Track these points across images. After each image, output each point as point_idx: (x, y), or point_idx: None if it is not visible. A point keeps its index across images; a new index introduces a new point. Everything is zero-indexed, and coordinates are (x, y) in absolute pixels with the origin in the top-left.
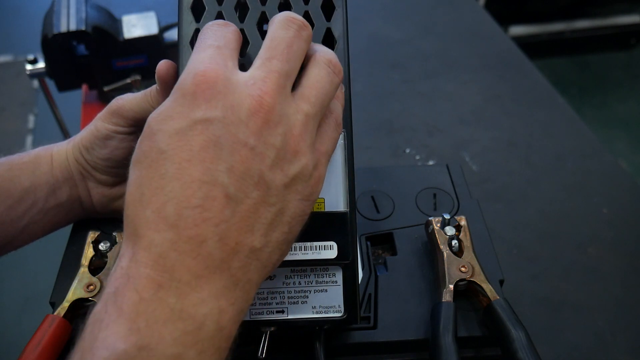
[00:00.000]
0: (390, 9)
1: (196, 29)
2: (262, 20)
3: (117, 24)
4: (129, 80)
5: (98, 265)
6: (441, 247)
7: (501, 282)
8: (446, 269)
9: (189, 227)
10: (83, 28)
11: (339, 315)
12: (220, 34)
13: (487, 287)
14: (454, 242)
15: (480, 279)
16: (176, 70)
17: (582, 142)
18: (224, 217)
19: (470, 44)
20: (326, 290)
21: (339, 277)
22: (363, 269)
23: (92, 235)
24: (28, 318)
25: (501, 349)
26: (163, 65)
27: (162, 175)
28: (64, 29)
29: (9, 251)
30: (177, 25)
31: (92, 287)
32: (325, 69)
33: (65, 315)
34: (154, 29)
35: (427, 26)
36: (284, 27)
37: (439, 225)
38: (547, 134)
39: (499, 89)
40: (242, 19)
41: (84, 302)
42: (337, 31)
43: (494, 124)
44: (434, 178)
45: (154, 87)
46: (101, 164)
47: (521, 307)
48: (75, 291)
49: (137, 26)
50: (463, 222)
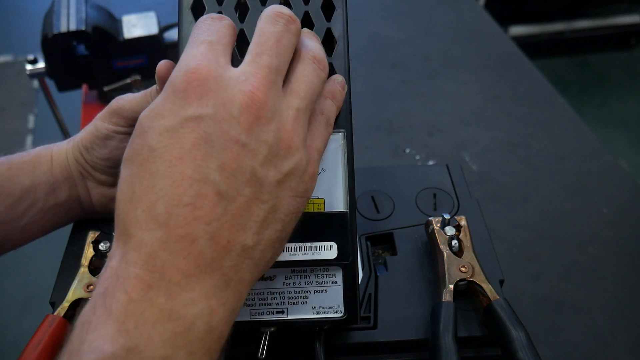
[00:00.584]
0: (390, 9)
1: None
2: None
3: (117, 24)
4: (129, 80)
5: (98, 265)
6: (441, 247)
7: (501, 282)
8: (446, 269)
9: (179, 226)
10: (83, 28)
11: (339, 315)
12: (213, 28)
13: (487, 287)
14: (454, 242)
15: (480, 279)
16: None
17: (582, 142)
18: (215, 216)
19: (470, 44)
20: (326, 291)
21: (339, 277)
22: (363, 269)
23: (92, 235)
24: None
25: (501, 349)
26: (163, 66)
27: (152, 174)
28: (64, 29)
29: (9, 250)
30: (177, 25)
31: (92, 287)
32: (311, 64)
33: (65, 315)
34: (154, 29)
35: (427, 26)
36: (271, 21)
37: (439, 225)
38: (547, 134)
39: (499, 89)
40: (242, 19)
41: (84, 302)
42: (337, 31)
43: (494, 124)
44: (434, 178)
45: (154, 88)
46: (101, 163)
47: (521, 307)
48: (75, 291)
49: (137, 26)
50: (463, 222)
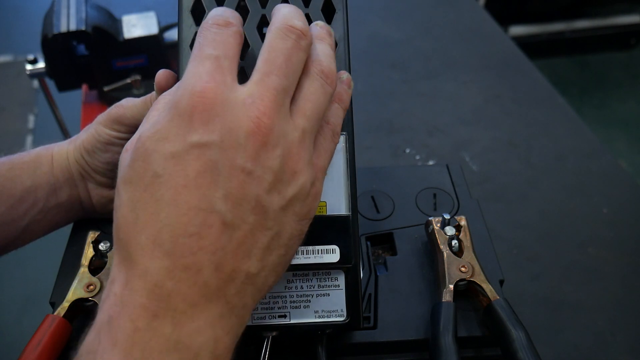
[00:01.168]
0: (390, 9)
1: (196, 33)
2: (262, 23)
3: (117, 24)
4: (129, 80)
5: (98, 265)
6: (441, 247)
7: (501, 282)
8: (446, 269)
9: (185, 256)
10: (83, 28)
11: (342, 319)
12: (219, 38)
13: (487, 287)
14: (454, 242)
15: (480, 279)
16: (176, 79)
17: (582, 142)
18: (220, 245)
19: (470, 44)
20: (328, 295)
21: (341, 281)
22: (363, 269)
23: (92, 235)
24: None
25: (501, 349)
26: (162, 75)
27: (157, 200)
28: (64, 29)
29: (10, 251)
30: (177, 28)
31: (92, 287)
32: (319, 80)
33: (65, 315)
34: (154, 29)
35: (427, 26)
36: (282, 36)
37: (439, 225)
38: (547, 134)
39: (499, 89)
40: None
41: (84, 302)
42: (337, 34)
43: (494, 124)
44: (434, 178)
45: (153, 94)
46: (102, 167)
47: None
48: (75, 291)
49: (137, 26)
50: (463, 222)
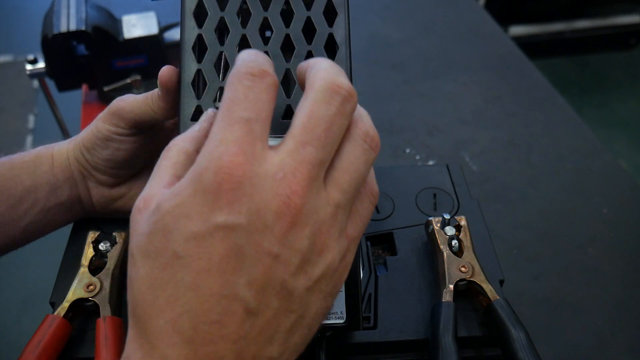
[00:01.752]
0: (390, 9)
1: (198, 35)
2: (264, 26)
3: (117, 24)
4: (129, 80)
5: (98, 265)
6: (441, 247)
7: (501, 282)
8: (446, 269)
9: (205, 344)
10: (83, 28)
11: (341, 322)
12: (252, 96)
13: (487, 287)
14: (454, 242)
15: (480, 279)
16: (178, 75)
17: (582, 142)
18: (242, 333)
19: (470, 44)
20: None
21: None
22: (363, 269)
23: (92, 235)
24: (28, 318)
25: (501, 349)
26: (165, 72)
27: (177, 283)
28: (64, 29)
29: (10, 250)
30: (180, 30)
31: (92, 287)
32: (362, 145)
33: (65, 315)
34: (154, 29)
35: (427, 26)
36: (326, 100)
37: (439, 225)
38: (547, 134)
39: (499, 89)
40: (244, 24)
41: (84, 302)
42: (339, 37)
43: (494, 124)
44: (434, 178)
45: (155, 91)
46: (102, 164)
47: (521, 307)
48: (75, 291)
49: (137, 26)
50: (463, 222)
